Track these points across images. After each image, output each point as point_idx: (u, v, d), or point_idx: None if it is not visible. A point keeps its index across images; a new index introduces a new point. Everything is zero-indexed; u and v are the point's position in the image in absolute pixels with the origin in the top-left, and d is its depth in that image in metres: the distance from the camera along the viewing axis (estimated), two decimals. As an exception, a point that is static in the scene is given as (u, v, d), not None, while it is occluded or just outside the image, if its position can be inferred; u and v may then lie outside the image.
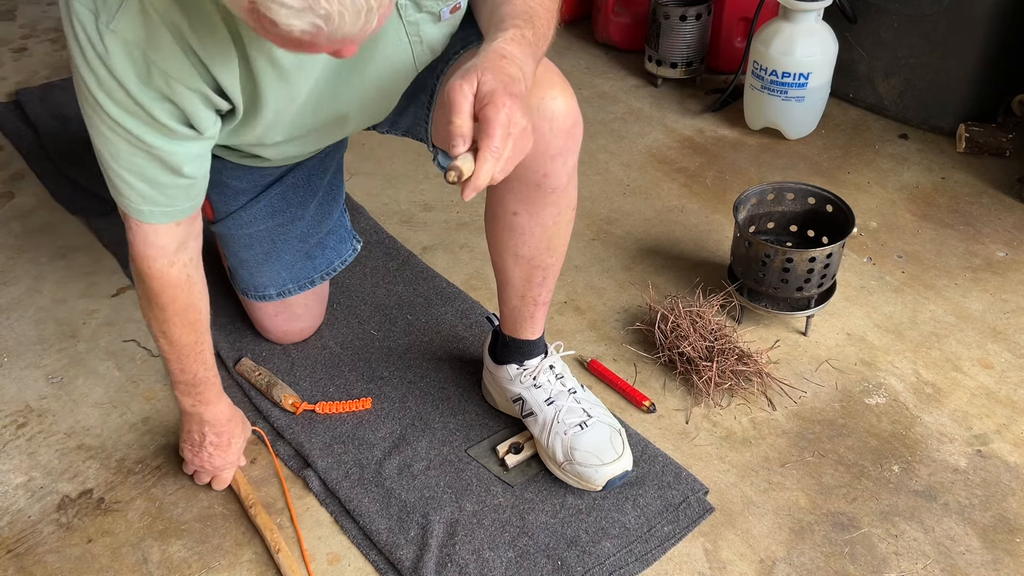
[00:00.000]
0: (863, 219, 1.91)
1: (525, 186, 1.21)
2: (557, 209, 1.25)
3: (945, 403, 1.51)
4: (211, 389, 1.33)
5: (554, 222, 1.26)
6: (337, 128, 1.30)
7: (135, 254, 1.19)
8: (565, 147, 1.17)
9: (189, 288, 1.22)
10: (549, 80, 1.14)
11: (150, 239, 1.17)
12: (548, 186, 1.21)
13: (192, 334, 1.26)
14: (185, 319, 1.24)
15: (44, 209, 1.98)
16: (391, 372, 1.57)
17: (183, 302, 1.22)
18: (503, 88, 0.93)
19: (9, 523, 1.35)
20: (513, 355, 1.41)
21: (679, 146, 2.17)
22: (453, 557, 1.27)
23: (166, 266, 1.19)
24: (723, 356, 1.52)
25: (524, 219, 1.25)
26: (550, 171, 1.19)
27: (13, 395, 1.56)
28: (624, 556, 1.28)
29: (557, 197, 1.23)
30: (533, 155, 1.15)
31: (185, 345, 1.26)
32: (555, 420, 1.35)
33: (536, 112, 1.12)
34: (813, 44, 2.02)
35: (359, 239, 1.62)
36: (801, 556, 1.29)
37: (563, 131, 1.15)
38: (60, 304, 1.74)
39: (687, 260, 1.82)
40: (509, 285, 1.34)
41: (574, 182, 1.26)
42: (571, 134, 1.17)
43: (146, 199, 1.13)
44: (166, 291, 1.20)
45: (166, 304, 1.21)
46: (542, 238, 1.28)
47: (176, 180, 1.12)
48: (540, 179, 1.19)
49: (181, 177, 1.12)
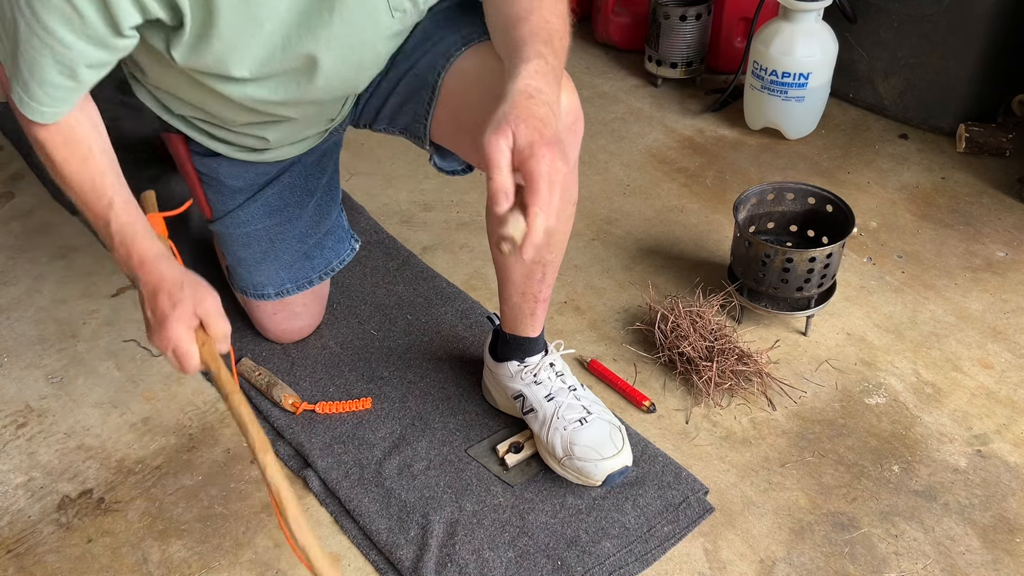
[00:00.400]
0: (863, 219, 1.91)
1: None
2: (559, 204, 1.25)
3: (945, 403, 1.51)
4: (135, 243, 1.15)
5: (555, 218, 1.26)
6: (307, 77, 1.21)
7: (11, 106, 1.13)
8: (566, 143, 1.17)
9: (70, 130, 1.14)
10: None
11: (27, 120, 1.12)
12: None
13: (84, 171, 1.16)
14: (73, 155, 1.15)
15: (44, 209, 1.98)
16: (391, 372, 1.57)
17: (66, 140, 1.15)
18: (540, 137, 0.91)
19: (9, 523, 1.35)
20: (514, 352, 1.41)
21: (679, 146, 2.17)
22: (453, 557, 1.27)
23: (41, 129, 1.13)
24: (723, 356, 1.52)
25: None
26: None
27: (13, 395, 1.56)
28: (624, 556, 1.28)
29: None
30: None
31: (82, 183, 1.16)
32: (555, 416, 1.36)
33: None
34: (813, 44, 2.02)
35: (357, 239, 1.62)
36: (801, 556, 1.29)
37: (564, 127, 1.15)
38: (60, 304, 1.74)
39: (687, 260, 1.82)
40: (510, 282, 1.35)
41: (574, 177, 1.26)
42: (572, 129, 1.17)
43: (27, 91, 1.07)
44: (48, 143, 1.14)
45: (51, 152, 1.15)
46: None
47: (66, 82, 1.07)
48: None
49: (72, 80, 1.07)
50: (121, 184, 1.18)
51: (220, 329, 1.13)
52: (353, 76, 1.26)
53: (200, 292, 1.13)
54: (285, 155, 1.45)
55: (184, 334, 1.11)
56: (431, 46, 1.31)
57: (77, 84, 1.08)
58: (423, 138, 1.36)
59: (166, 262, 1.15)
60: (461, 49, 1.25)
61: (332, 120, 1.42)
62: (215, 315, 1.13)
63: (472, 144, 1.26)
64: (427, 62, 1.30)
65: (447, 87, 1.28)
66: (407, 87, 1.35)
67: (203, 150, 1.44)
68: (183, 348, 1.11)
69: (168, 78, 1.25)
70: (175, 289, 1.12)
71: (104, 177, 1.16)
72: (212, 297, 1.14)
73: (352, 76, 1.26)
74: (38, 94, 1.07)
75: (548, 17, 1.05)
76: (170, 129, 1.42)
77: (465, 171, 1.41)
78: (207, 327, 1.13)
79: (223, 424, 1.50)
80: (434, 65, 1.28)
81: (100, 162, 1.16)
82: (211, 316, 1.13)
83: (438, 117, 1.30)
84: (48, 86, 1.07)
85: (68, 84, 1.07)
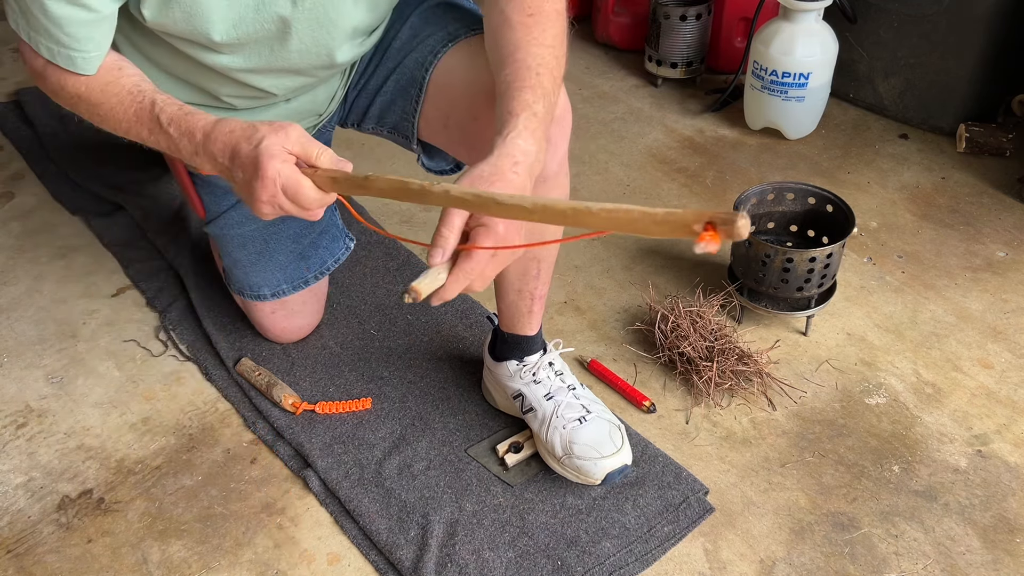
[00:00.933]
0: (863, 219, 1.91)
1: None
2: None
3: (945, 403, 1.51)
4: (193, 122, 1.06)
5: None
6: (280, 42, 1.18)
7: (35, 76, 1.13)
8: (555, 136, 1.18)
9: (106, 73, 1.11)
10: None
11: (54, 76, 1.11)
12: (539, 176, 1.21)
13: (123, 97, 1.11)
14: (104, 81, 1.12)
15: (44, 209, 1.98)
16: (391, 372, 1.57)
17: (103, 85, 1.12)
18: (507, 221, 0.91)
19: (9, 523, 1.35)
20: (513, 351, 1.41)
21: (679, 146, 2.17)
22: (453, 557, 1.27)
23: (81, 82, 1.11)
24: (723, 356, 1.52)
25: None
26: None
27: (13, 395, 1.56)
28: (624, 556, 1.28)
29: (548, 188, 1.24)
30: None
31: (125, 108, 1.11)
32: (554, 415, 1.36)
33: None
34: (813, 44, 2.02)
35: (352, 238, 1.61)
36: (801, 556, 1.29)
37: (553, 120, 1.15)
38: (60, 304, 1.74)
39: (687, 260, 1.82)
40: (505, 280, 1.35)
41: (565, 171, 1.26)
42: (561, 123, 1.18)
43: (52, 38, 1.07)
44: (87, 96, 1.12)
45: (93, 101, 1.12)
46: (536, 229, 1.28)
47: (78, 13, 1.06)
48: None
49: (83, 9, 1.06)
50: (156, 88, 1.12)
51: (316, 148, 0.97)
52: (327, 39, 1.22)
53: (277, 125, 0.98)
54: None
55: (281, 167, 0.95)
56: (418, 43, 1.31)
57: (90, 13, 1.06)
58: (411, 137, 1.36)
59: (230, 121, 1.02)
60: (448, 45, 1.25)
61: (320, 115, 1.42)
62: (306, 139, 0.97)
63: (460, 140, 1.26)
64: (414, 59, 1.31)
65: (434, 83, 1.27)
66: (395, 84, 1.35)
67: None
68: (290, 180, 0.96)
69: (149, 47, 1.23)
70: (250, 133, 0.99)
71: (138, 86, 1.11)
72: (293, 126, 0.98)
73: (326, 40, 1.22)
74: (63, 38, 1.07)
75: (537, 51, 1.04)
76: None
77: (454, 170, 1.41)
78: (304, 154, 0.97)
79: (223, 424, 1.50)
80: (422, 62, 1.28)
81: (132, 77, 1.12)
82: (303, 141, 0.97)
83: (426, 114, 1.30)
84: (65, 23, 1.05)
85: (82, 15, 1.06)
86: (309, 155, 0.97)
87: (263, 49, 1.20)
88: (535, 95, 1.01)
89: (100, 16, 1.08)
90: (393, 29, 1.35)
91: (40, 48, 1.09)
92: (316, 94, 1.35)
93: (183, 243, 1.81)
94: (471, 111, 1.20)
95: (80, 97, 1.13)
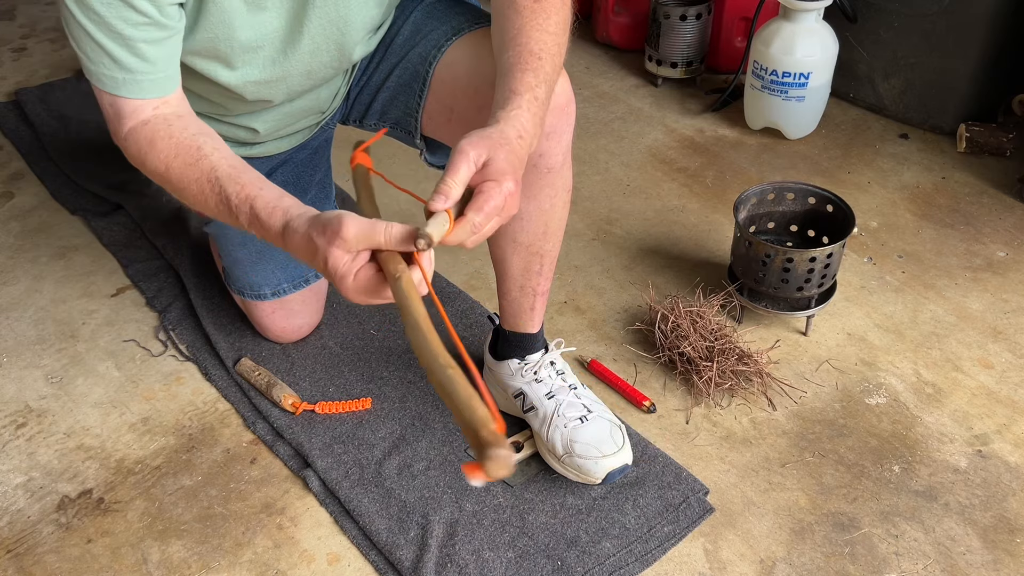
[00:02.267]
0: (863, 219, 1.91)
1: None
2: (553, 191, 1.26)
3: (945, 403, 1.51)
4: (258, 208, 1.00)
5: (551, 204, 1.27)
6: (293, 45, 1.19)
7: (110, 124, 1.09)
8: (559, 125, 1.18)
9: (171, 130, 1.07)
10: None
11: (120, 108, 1.07)
12: (544, 166, 1.21)
13: (195, 172, 1.05)
14: (183, 163, 1.06)
15: (44, 209, 1.98)
16: (391, 372, 1.57)
17: (171, 148, 1.06)
18: (512, 173, 0.92)
19: (9, 523, 1.35)
20: (514, 350, 1.41)
21: (679, 146, 2.17)
22: (453, 557, 1.27)
23: (139, 124, 1.07)
24: (723, 356, 1.52)
25: (521, 202, 1.25)
26: (545, 150, 1.19)
27: (13, 395, 1.56)
28: (624, 556, 1.28)
29: (553, 178, 1.24)
30: None
31: (191, 183, 1.05)
32: (555, 414, 1.36)
33: None
34: (813, 44, 2.02)
35: None
36: (801, 556, 1.29)
37: (557, 109, 1.16)
38: (60, 304, 1.74)
39: (687, 260, 1.82)
40: (508, 276, 1.35)
41: (568, 163, 1.26)
42: (565, 112, 1.18)
43: (118, 69, 1.04)
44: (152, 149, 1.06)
45: (156, 166, 1.06)
46: (539, 222, 1.28)
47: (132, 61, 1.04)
48: (536, 159, 1.20)
49: (138, 58, 1.04)
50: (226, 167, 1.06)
51: (382, 235, 0.90)
52: (338, 41, 1.22)
53: (331, 231, 0.90)
54: (276, 149, 1.45)
55: (353, 285, 0.92)
56: (421, 38, 1.31)
57: (145, 63, 1.05)
58: (414, 132, 1.36)
59: (294, 235, 0.96)
60: (451, 39, 1.25)
61: (323, 113, 1.42)
62: (365, 232, 0.90)
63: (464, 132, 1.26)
64: (418, 54, 1.31)
65: (438, 77, 1.28)
66: (398, 79, 1.35)
67: None
68: (367, 288, 0.93)
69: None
70: (312, 251, 0.94)
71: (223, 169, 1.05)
72: (345, 223, 0.90)
73: (337, 41, 1.21)
74: (121, 76, 1.05)
75: (540, 36, 1.05)
76: None
77: None
78: (372, 245, 0.91)
79: (223, 424, 1.50)
80: (425, 56, 1.28)
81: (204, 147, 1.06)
82: (361, 237, 0.90)
83: (429, 108, 1.30)
84: (119, 67, 1.04)
85: (135, 63, 1.04)
86: (376, 243, 0.90)
87: (277, 55, 1.20)
88: (537, 79, 1.01)
89: (154, 67, 1.06)
90: (396, 25, 1.35)
91: (109, 77, 1.05)
92: (319, 92, 1.35)
93: (183, 243, 1.81)
94: (475, 104, 1.20)
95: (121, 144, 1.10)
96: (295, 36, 1.18)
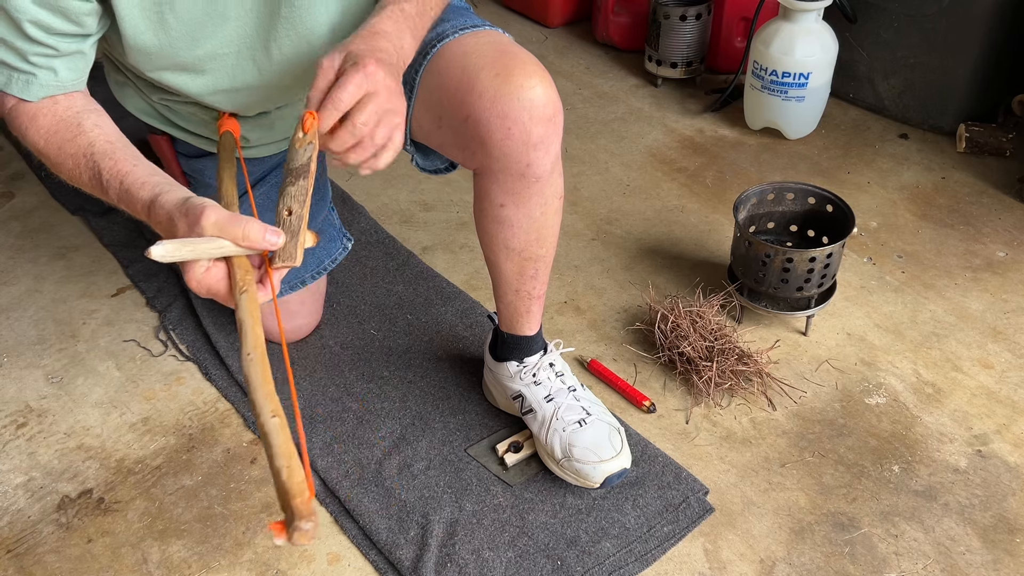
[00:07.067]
0: (863, 219, 1.91)
1: (509, 177, 1.22)
2: (543, 199, 1.26)
3: (945, 403, 1.51)
4: (128, 183, 1.01)
5: (541, 212, 1.27)
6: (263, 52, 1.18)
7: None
8: (546, 135, 1.18)
9: (56, 107, 1.08)
10: (525, 69, 1.15)
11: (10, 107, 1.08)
12: (532, 175, 1.21)
13: (72, 147, 1.06)
14: (62, 138, 1.07)
15: (44, 209, 1.98)
16: (391, 372, 1.57)
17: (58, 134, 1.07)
18: (371, 55, 0.98)
19: (9, 523, 1.35)
20: (513, 352, 1.41)
21: (679, 146, 2.17)
22: (453, 557, 1.27)
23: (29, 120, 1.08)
24: (723, 356, 1.52)
25: (511, 211, 1.26)
26: (532, 160, 1.19)
27: (13, 395, 1.56)
28: (624, 556, 1.28)
29: (542, 186, 1.24)
30: (515, 145, 1.16)
31: (67, 158, 1.07)
32: (554, 417, 1.36)
33: (515, 102, 1.14)
34: (813, 44, 2.02)
35: (350, 237, 1.61)
36: (801, 556, 1.29)
37: (543, 120, 1.16)
38: (60, 304, 1.74)
39: (687, 260, 1.82)
40: (503, 280, 1.35)
41: (559, 170, 1.26)
42: (552, 122, 1.18)
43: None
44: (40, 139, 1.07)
45: (35, 140, 1.08)
46: (531, 229, 1.28)
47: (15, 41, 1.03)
48: (523, 169, 1.20)
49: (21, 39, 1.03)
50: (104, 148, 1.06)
51: (240, 229, 0.89)
52: (308, 51, 1.22)
53: (192, 216, 0.90)
54: (269, 152, 1.45)
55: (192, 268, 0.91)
56: None
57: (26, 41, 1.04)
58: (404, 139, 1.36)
59: (160, 208, 0.96)
60: (436, 46, 1.25)
61: None
62: (215, 223, 0.89)
63: (453, 141, 1.26)
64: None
65: (425, 84, 1.28)
66: None
67: (189, 151, 1.44)
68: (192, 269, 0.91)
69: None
70: (169, 224, 0.94)
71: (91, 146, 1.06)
72: (206, 211, 0.90)
73: (306, 48, 1.22)
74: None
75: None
76: (155, 131, 1.42)
77: (448, 169, 1.41)
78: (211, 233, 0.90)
79: (223, 424, 1.50)
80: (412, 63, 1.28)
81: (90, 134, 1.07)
82: (212, 226, 0.89)
83: (418, 115, 1.30)
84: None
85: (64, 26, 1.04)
86: (233, 237, 0.89)
87: (246, 63, 1.21)
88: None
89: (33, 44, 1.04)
90: None
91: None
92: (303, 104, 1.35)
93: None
94: (462, 111, 1.20)
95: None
96: (265, 44, 1.19)
